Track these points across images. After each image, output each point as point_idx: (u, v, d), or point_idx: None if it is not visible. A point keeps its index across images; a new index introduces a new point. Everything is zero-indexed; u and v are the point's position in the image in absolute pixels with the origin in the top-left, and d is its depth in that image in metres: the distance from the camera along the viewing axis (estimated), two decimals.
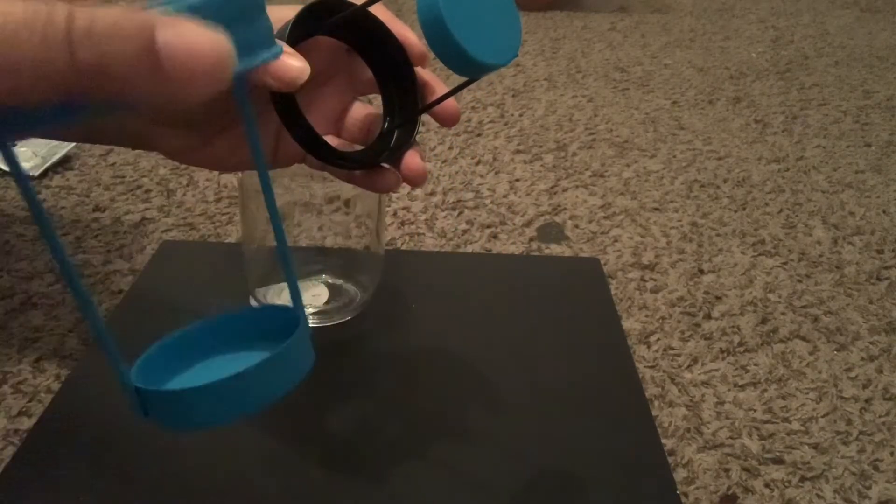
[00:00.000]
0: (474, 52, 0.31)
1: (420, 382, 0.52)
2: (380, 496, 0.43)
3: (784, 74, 1.20)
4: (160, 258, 0.63)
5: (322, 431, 0.47)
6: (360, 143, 0.42)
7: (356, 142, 0.42)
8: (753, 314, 0.62)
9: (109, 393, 0.49)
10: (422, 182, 0.39)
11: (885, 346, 0.59)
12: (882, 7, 1.65)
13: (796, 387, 0.55)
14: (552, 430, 0.48)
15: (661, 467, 0.46)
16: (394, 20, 0.40)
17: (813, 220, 0.77)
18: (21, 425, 0.48)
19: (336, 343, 0.55)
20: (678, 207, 0.78)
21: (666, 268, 0.68)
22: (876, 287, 0.67)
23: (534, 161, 0.87)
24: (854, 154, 0.93)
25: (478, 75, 0.34)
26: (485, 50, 0.32)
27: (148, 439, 0.46)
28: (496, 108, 1.01)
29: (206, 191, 0.76)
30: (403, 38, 0.40)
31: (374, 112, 0.42)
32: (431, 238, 0.71)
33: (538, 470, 0.45)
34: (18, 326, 0.56)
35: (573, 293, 0.62)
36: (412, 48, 0.40)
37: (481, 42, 0.32)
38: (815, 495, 0.46)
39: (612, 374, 0.53)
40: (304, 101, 0.39)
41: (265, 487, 0.43)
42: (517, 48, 0.34)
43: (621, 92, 1.10)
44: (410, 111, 0.40)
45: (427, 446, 0.47)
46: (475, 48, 0.31)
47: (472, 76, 0.34)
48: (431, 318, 0.58)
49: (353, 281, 0.58)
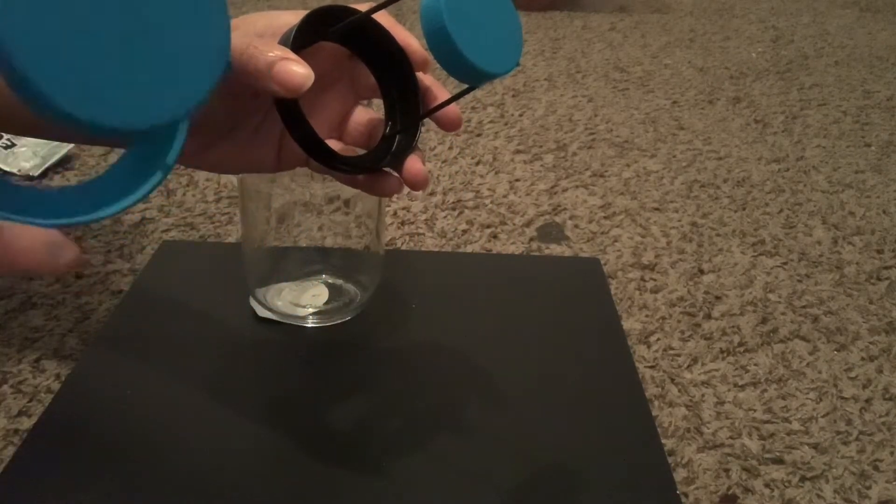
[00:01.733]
0: (477, 61, 0.32)
1: (420, 382, 0.52)
2: (380, 496, 0.43)
3: (784, 74, 1.20)
4: (160, 258, 0.63)
5: (322, 431, 0.47)
6: (362, 147, 0.42)
7: (358, 146, 0.42)
8: (753, 314, 0.62)
9: (109, 393, 0.49)
10: (423, 186, 0.39)
11: (885, 346, 0.59)
12: (882, 7, 1.65)
13: (796, 387, 0.55)
14: (552, 430, 0.48)
15: (661, 467, 0.46)
16: (396, 25, 0.40)
17: (813, 220, 0.77)
18: (21, 425, 0.48)
19: (336, 343, 0.55)
20: (678, 207, 0.78)
21: (666, 268, 0.68)
22: (876, 287, 0.67)
23: (534, 161, 0.87)
24: (854, 154, 0.93)
25: (479, 83, 0.34)
26: (487, 58, 0.32)
27: (148, 439, 0.46)
28: (496, 108, 1.01)
29: (206, 191, 0.76)
30: (405, 43, 0.40)
31: (376, 116, 0.42)
32: (431, 238, 0.71)
33: (538, 469, 0.45)
34: (18, 326, 0.56)
35: (573, 293, 0.62)
36: (414, 54, 0.40)
37: (484, 50, 0.32)
38: (815, 495, 0.46)
39: (612, 374, 0.53)
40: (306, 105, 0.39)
41: (265, 487, 0.43)
42: (519, 56, 0.34)
43: (621, 92, 1.10)
44: (412, 116, 0.40)
45: (427, 446, 0.47)
46: (478, 57, 0.32)
47: (473, 84, 0.34)
48: (431, 318, 0.58)
49: (353, 281, 0.58)
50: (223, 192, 0.76)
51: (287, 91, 0.33)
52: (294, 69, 0.33)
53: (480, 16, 0.32)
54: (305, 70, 0.33)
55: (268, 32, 0.37)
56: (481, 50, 0.32)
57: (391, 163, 0.39)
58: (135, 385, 0.50)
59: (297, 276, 0.58)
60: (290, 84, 0.33)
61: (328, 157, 0.37)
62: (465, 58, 0.31)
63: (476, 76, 0.33)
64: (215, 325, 0.56)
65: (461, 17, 0.31)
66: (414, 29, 0.38)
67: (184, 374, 0.51)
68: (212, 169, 0.42)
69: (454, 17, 0.31)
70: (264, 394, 0.51)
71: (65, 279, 0.61)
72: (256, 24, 0.37)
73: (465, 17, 0.31)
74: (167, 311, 0.57)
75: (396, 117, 0.41)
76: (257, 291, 0.56)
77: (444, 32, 0.31)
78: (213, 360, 0.52)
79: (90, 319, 0.57)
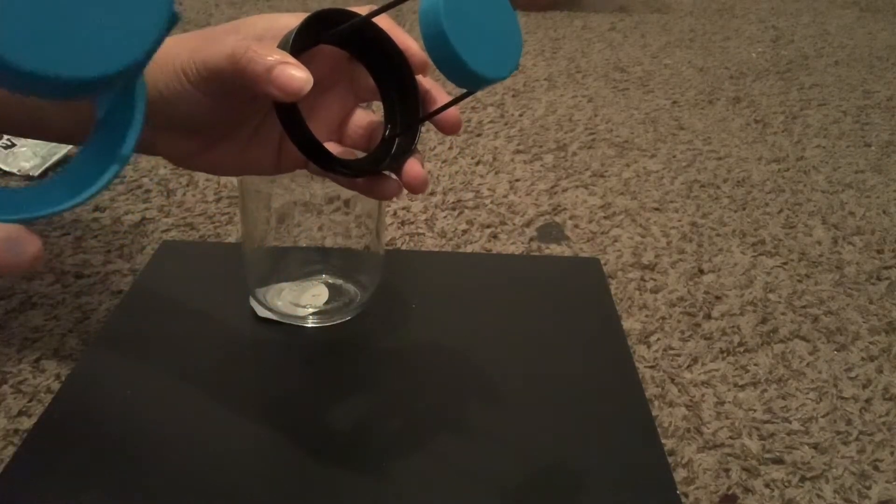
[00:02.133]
0: (476, 66, 0.32)
1: (420, 382, 0.52)
2: (380, 495, 0.43)
3: (784, 74, 1.20)
4: (160, 258, 0.63)
5: (322, 431, 0.47)
6: (362, 149, 0.42)
7: (358, 148, 0.42)
8: (753, 314, 0.62)
9: (109, 393, 0.49)
10: (423, 189, 0.39)
11: (885, 346, 0.59)
12: (882, 7, 1.65)
13: (796, 387, 0.55)
14: (552, 430, 0.48)
15: (661, 467, 0.46)
16: (395, 28, 0.40)
17: (813, 220, 0.77)
18: (21, 425, 0.48)
19: (336, 343, 0.55)
20: (678, 207, 0.78)
21: (666, 268, 0.68)
22: (876, 287, 0.67)
23: (534, 161, 0.87)
24: (854, 154, 0.93)
25: (478, 87, 0.34)
26: (486, 63, 0.32)
27: (148, 439, 0.46)
28: (496, 108, 1.01)
29: (206, 191, 0.76)
30: (405, 46, 0.40)
31: (376, 119, 0.42)
32: (431, 238, 0.71)
33: (538, 469, 0.45)
34: (18, 326, 0.56)
35: (573, 293, 0.62)
36: (413, 56, 0.40)
37: (482, 55, 0.32)
38: (815, 495, 0.46)
39: (612, 374, 0.53)
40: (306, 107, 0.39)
41: (265, 486, 0.43)
42: (518, 61, 0.34)
43: (621, 92, 1.10)
44: (411, 119, 0.40)
45: (427, 446, 0.47)
46: (476, 61, 0.32)
47: (472, 88, 0.34)
48: (431, 318, 0.58)
49: (353, 281, 0.58)
50: (223, 192, 0.76)
51: (286, 95, 0.33)
52: (293, 73, 0.33)
53: (479, 19, 0.32)
54: (304, 74, 0.33)
55: (268, 35, 0.37)
56: (480, 54, 0.32)
57: (390, 166, 0.39)
58: (135, 385, 0.50)
59: (297, 276, 0.58)
60: (288, 88, 0.33)
61: (327, 160, 0.37)
62: (464, 62, 0.31)
63: (474, 81, 0.32)
64: (215, 325, 0.56)
65: (460, 22, 0.31)
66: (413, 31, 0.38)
67: (184, 374, 0.51)
68: (211, 171, 0.42)
69: (453, 21, 0.31)
70: (264, 394, 0.51)
71: (65, 279, 0.61)
72: (256, 26, 0.37)
73: (464, 21, 0.31)
74: (167, 311, 0.57)
75: (396, 120, 0.41)
76: (257, 291, 0.56)
77: (443, 37, 0.31)
78: (213, 361, 0.53)
79: (90, 319, 0.57)
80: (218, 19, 1.30)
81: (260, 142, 0.41)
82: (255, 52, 0.33)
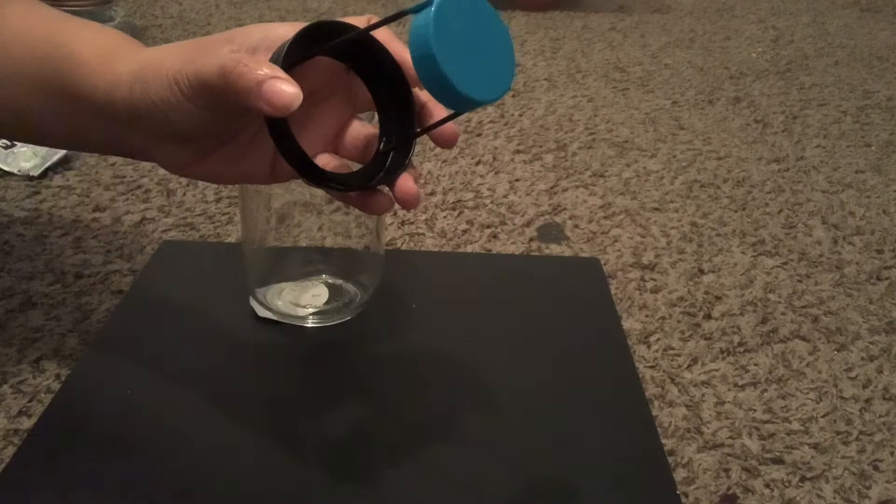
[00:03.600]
0: (465, 89, 0.31)
1: (420, 382, 0.52)
2: (380, 496, 0.43)
3: (784, 74, 1.20)
4: (160, 258, 0.63)
5: (322, 432, 0.47)
6: (358, 161, 0.41)
7: (354, 160, 0.42)
8: (753, 314, 0.62)
9: (109, 393, 0.49)
10: (415, 205, 0.39)
11: (885, 346, 0.59)
12: (882, 7, 1.65)
13: (796, 387, 0.55)
14: (552, 430, 0.48)
15: (661, 467, 0.46)
16: (392, 40, 0.39)
17: (813, 220, 0.77)
18: (21, 425, 0.48)
19: (336, 343, 0.55)
20: (678, 207, 0.78)
21: (666, 268, 0.68)
22: (876, 287, 0.67)
23: (534, 161, 0.87)
24: (854, 154, 0.93)
25: (467, 109, 0.33)
26: (476, 86, 0.32)
27: (148, 439, 0.46)
28: (496, 108, 1.01)
29: (206, 191, 0.76)
30: (402, 59, 0.39)
31: (373, 131, 0.41)
32: (431, 238, 0.71)
33: (538, 469, 0.45)
34: (18, 326, 0.56)
35: (573, 293, 0.62)
36: (410, 70, 0.39)
37: (473, 78, 0.31)
38: (815, 495, 0.46)
39: (612, 374, 0.53)
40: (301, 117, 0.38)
41: (264, 486, 0.43)
42: (510, 82, 0.34)
43: (621, 92, 1.10)
44: (407, 132, 0.40)
45: (427, 446, 0.47)
46: (466, 85, 0.31)
47: (462, 110, 0.34)
48: (431, 318, 0.58)
49: (353, 281, 0.58)
50: (223, 192, 0.76)
51: (275, 110, 0.32)
52: (282, 88, 0.32)
53: (471, 41, 0.32)
54: (294, 89, 0.32)
55: (263, 45, 0.36)
56: (470, 77, 0.31)
57: (384, 180, 0.39)
58: (135, 385, 0.50)
59: (297, 276, 0.58)
60: (277, 103, 0.32)
61: (317, 176, 0.36)
62: (453, 85, 0.31)
63: (464, 103, 0.32)
64: (215, 325, 0.56)
65: (450, 44, 0.31)
66: None
67: (184, 374, 0.51)
68: (205, 179, 0.42)
69: (442, 43, 0.30)
70: (264, 394, 0.51)
71: (65, 279, 0.61)
72: (252, 36, 0.37)
73: (455, 43, 0.31)
74: (167, 311, 0.57)
75: (391, 133, 0.40)
76: (257, 291, 0.56)
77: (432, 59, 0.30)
78: (213, 360, 0.53)
79: (90, 319, 0.57)
80: (218, 19, 1.30)
81: (255, 152, 0.40)
82: (246, 66, 0.33)
